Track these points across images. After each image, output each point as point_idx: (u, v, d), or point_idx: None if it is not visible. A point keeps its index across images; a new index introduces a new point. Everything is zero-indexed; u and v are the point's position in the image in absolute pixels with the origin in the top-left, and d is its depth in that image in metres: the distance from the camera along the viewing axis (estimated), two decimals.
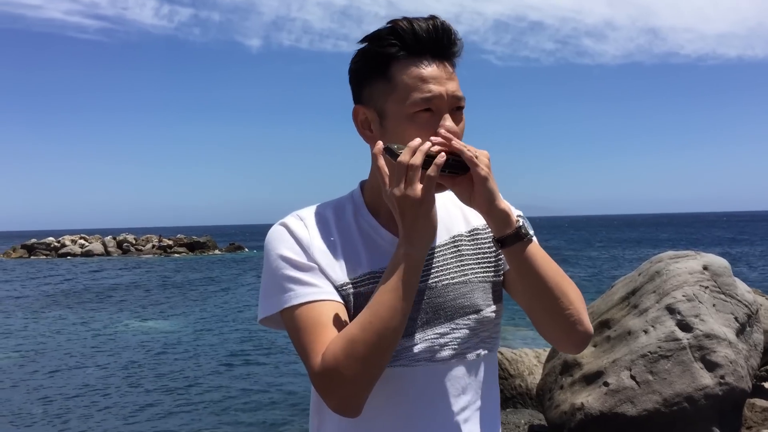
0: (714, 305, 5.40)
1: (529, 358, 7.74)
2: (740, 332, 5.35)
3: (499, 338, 1.49)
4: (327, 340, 1.25)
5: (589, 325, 1.37)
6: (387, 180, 1.26)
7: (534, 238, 1.33)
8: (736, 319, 5.38)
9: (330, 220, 1.40)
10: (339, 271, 1.35)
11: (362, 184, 1.46)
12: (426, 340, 1.36)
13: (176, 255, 52.02)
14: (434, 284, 1.38)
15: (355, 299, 1.33)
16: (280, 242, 1.37)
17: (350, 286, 1.34)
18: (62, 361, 13.07)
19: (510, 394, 7.44)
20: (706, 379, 4.99)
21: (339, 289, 1.33)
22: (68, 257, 51.47)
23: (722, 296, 5.49)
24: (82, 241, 55.39)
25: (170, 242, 55.85)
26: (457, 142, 1.26)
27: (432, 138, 1.26)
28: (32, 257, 52.52)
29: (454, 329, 1.38)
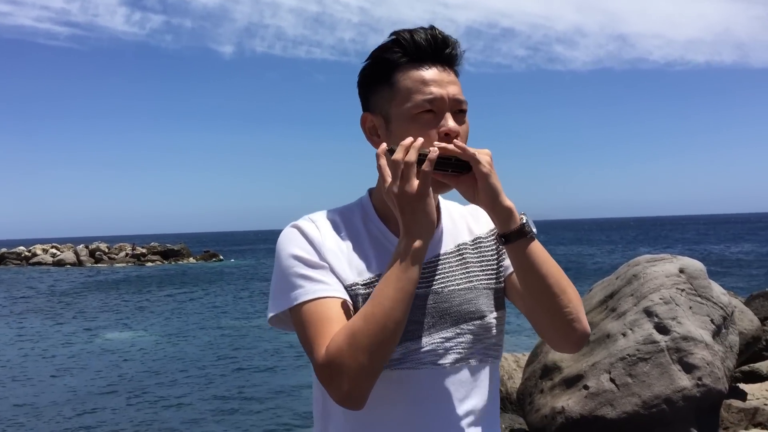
0: (690, 308, 5.47)
1: (509, 362, 7.77)
2: (716, 334, 5.42)
3: (502, 346, 1.51)
4: (333, 334, 1.27)
5: (587, 324, 1.39)
6: (388, 179, 1.30)
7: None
8: (712, 321, 5.45)
9: (340, 225, 1.43)
10: (349, 272, 1.37)
11: (371, 192, 1.50)
12: (432, 344, 1.38)
13: (150, 263, 51.36)
14: (440, 289, 1.41)
15: (363, 300, 1.35)
16: (291, 242, 1.39)
17: (359, 286, 1.37)
18: (31, 371, 12.83)
19: None
20: (684, 380, 5.05)
21: (348, 288, 1.36)
22: (39, 266, 50.62)
23: (698, 299, 5.56)
24: (54, 251, 54.54)
25: (143, 250, 55.12)
26: (456, 143, 1.31)
27: (435, 143, 1.31)
28: (1, 266, 51.57)
29: (459, 334, 1.40)
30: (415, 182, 1.27)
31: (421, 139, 1.30)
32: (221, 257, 58.13)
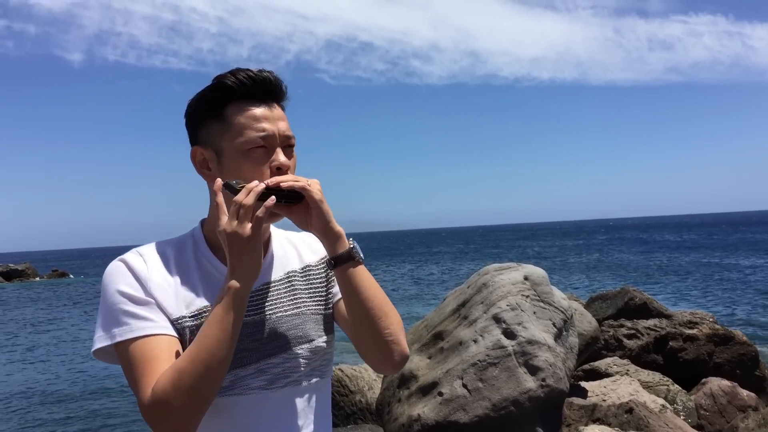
0: (534, 313, 5.80)
1: (369, 373, 7.87)
2: (558, 337, 5.79)
3: (331, 367, 1.58)
4: (159, 374, 1.28)
5: (406, 347, 1.48)
6: (222, 216, 1.34)
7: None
8: (554, 324, 5.81)
9: (170, 257, 1.45)
10: (175, 306, 1.39)
11: (202, 222, 1.54)
12: (260, 370, 1.42)
13: None
14: (269, 317, 1.46)
15: (191, 333, 1.38)
16: (118, 276, 1.39)
17: (187, 318, 1.39)
18: None
19: (351, 410, 7.51)
20: (530, 382, 5.34)
21: (175, 322, 1.38)
22: None
23: (541, 304, 5.92)
24: None
25: None
26: (287, 178, 1.38)
27: (268, 180, 1.37)
28: None
29: (287, 359, 1.45)
30: (248, 225, 1.31)
31: (263, 185, 1.34)
32: (71, 275, 54.76)
